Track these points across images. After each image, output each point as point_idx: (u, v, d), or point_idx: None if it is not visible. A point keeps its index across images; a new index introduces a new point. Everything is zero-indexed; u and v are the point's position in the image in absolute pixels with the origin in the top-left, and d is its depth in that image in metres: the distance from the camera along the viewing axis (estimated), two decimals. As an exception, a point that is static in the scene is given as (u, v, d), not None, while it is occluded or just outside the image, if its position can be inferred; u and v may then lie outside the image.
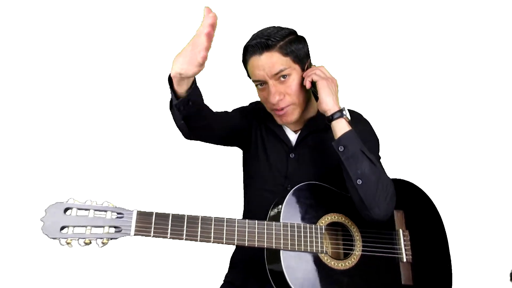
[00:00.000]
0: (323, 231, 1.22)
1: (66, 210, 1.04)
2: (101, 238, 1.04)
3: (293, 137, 1.41)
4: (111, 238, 1.05)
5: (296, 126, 1.41)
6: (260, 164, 1.42)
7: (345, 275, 1.20)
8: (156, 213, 1.09)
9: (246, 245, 1.15)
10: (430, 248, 1.33)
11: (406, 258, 1.27)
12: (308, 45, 1.35)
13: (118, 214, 1.07)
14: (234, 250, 1.46)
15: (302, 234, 1.19)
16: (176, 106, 1.14)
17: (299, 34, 1.34)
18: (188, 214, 1.11)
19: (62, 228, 1.03)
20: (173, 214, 1.10)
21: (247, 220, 1.17)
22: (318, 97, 1.28)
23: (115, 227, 1.06)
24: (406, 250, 1.28)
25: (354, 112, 1.39)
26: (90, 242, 1.03)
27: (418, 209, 1.36)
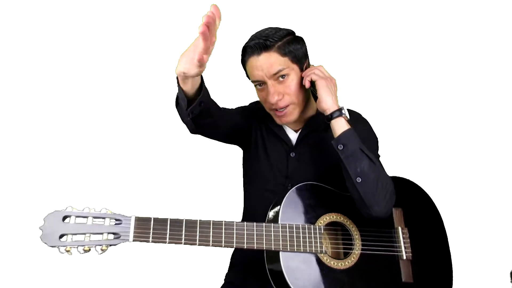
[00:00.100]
0: (322, 231, 1.22)
1: (64, 218, 1.05)
2: (100, 245, 1.05)
3: (293, 136, 1.41)
4: (110, 245, 1.06)
5: (296, 126, 1.41)
6: (260, 163, 1.42)
7: (345, 275, 1.21)
8: (154, 218, 1.09)
9: (245, 247, 1.15)
10: (429, 245, 1.33)
11: (406, 256, 1.28)
12: (306, 45, 1.35)
13: (116, 220, 1.07)
14: (234, 250, 1.47)
15: (301, 235, 1.19)
16: (190, 112, 1.14)
17: (297, 35, 1.35)
18: (186, 219, 1.12)
19: (61, 236, 1.03)
20: (171, 219, 1.11)
21: (246, 222, 1.17)
22: (317, 96, 1.28)
23: (114, 234, 1.06)
24: (405, 247, 1.29)
25: (353, 111, 1.39)
26: (90, 249, 1.04)
27: (417, 206, 1.36)
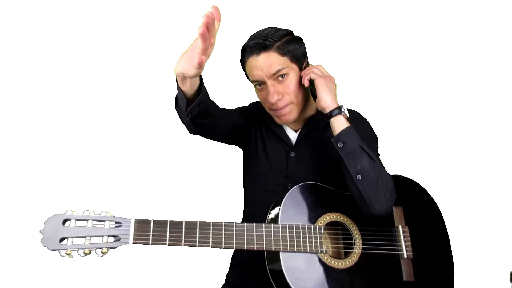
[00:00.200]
0: (322, 231, 1.22)
1: (65, 222, 1.06)
2: (100, 248, 1.05)
3: (293, 136, 1.41)
4: (111, 247, 1.06)
5: (296, 125, 1.41)
6: (260, 163, 1.42)
7: (345, 274, 1.20)
8: (154, 220, 1.10)
9: (245, 248, 1.15)
10: (430, 243, 1.32)
11: (407, 254, 1.27)
12: (305, 45, 1.35)
13: (116, 223, 1.08)
14: (234, 250, 1.47)
15: (301, 235, 1.19)
16: (188, 112, 1.14)
17: (296, 35, 1.35)
18: (186, 220, 1.12)
19: (61, 239, 1.04)
20: (171, 221, 1.11)
21: (245, 223, 1.17)
22: (316, 95, 1.28)
23: (114, 236, 1.07)
24: (406, 246, 1.28)
25: (353, 111, 1.39)
26: (90, 252, 1.05)
27: (417, 205, 1.36)
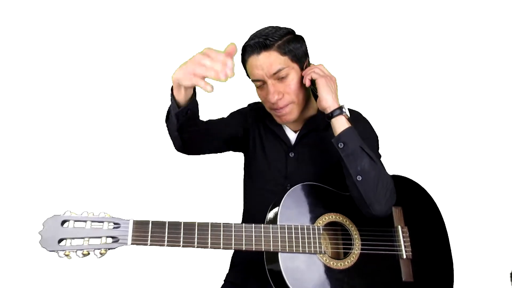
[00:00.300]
0: (321, 231, 1.22)
1: (63, 223, 1.06)
2: (99, 249, 1.05)
3: (292, 136, 1.41)
4: (109, 248, 1.06)
5: (296, 126, 1.41)
6: (259, 163, 1.42)
7: (344, 274, 1.20)
8: (152, 221, 1.10)
9: (243, 249, 1.15)
10: (430, 243, 1.32)
11: (406, 255, 1.27)
12: (306, 44, 1.34)
13: (114, 224, 1.08)
14: (234, 251, 1.46)
15: (300, 236, 1.19)
16: (176, 115, 1.14)
17: (297, 34, 1.34)
18: (184, 221, 1.12)
19: (60, 240, 1.04)
20: (169, 222, 1.11)
21: (244, 224, 1.17)
22: (317, 95, 1.28)
23: (112, 237, 1.07)
24: (405, 246, 1.28)
25: (354, 111, 1.39)
26: (88, 253, 1.05)
27: (417, 205, 1.35)
